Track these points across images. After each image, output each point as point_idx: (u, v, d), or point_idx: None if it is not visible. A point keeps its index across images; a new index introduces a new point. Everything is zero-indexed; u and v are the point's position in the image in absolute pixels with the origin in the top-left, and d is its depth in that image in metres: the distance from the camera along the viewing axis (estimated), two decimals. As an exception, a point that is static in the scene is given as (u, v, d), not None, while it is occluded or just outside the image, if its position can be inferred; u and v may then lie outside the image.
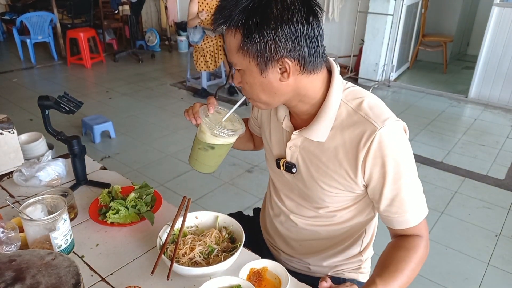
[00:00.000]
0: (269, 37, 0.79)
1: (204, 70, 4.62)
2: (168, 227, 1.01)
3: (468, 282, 2.08)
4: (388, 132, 0.86)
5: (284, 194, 1.10)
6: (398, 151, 0.87)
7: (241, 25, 0.80)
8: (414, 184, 0.91)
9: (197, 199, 2.70)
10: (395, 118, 0.89)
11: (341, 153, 0.92)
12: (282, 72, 0.85)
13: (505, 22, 4.22)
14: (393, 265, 0.87)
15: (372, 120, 0.87)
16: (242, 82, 0.90)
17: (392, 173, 0.87)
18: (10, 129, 1.38)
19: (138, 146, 3.52)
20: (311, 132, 0.93)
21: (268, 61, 0.83)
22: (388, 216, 0.93)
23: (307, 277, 1.14)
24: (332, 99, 0.90)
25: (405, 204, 0.90)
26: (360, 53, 5.21)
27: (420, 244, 0.92)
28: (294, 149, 1.00)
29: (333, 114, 0.91)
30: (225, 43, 0.88)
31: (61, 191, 1.14)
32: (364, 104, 0.90)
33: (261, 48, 0.81)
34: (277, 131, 1.06)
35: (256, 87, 0.88)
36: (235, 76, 0.92)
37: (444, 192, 2.86)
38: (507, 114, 4.31)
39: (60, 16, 6.55)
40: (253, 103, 0.96)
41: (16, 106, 4.35)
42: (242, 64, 0.86)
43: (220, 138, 0.97)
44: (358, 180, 0.92)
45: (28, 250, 0.88)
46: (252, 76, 0.86)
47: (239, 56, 0.84)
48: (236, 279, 0.86)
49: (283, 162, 1.02)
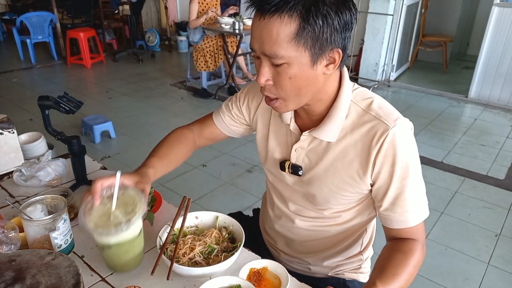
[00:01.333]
0: (329, 24, 0.74)
1: (204, 70, 4.62)
2: (168, 227, 1.01)
3: (468, 282, 2.08)
4: (399, 131, 0.86)
5: (286, 196, 1.08)
6: (409, 150, 0.88)
7: (304, 9, 0.73)
8: (418, 185, 0.91)
9: (197, 199, 2.70)
10: (404, 118, 0.90)
11: (351, 153, 0.91)
12: (328, 64, 0.81)
13: (505, 22, 4.22)
14: (392, 268, 0.86)
15: (384, 120, 0.87)
16: (280, 78, 0.81)
17: (400, 171, 0.87)
18: (10, 129, 1.38)
19: (138, 146, 3.52)
20: (322, 132, 0.92)
21: (323, 51, 0.78)
22: (389, 215, 0.92)
23: (307, 278, 1.14)
24: (344, 98, 0.90)
25: (407, 204, 0.89)
26: (360, 53, 5.21)
27: (417, 247, 0.91)
28: (300, 151, 0.98)
29: (344, 114, 0.90)
30: (266, 32, 0.76)
31: (61, 191, 1.14)
32: (374, 104, 0.90)
33: (320, 36, 0.75)
34: (279, 134, 1.04)
35: (301, 81, 0.81)
36: (263, 73, 0.82)
37: (444, 192, 2.86)
38: (507, 114, 4.31)
39: (60, 16, 6.55)
40: (274, 104, 0.88)
41: (16, 106, 4.35)
42: (291, 56, 0.77)
43: (112, 236, 0.84)
44: (367, 179, 0.91)
45: (28, 250, 0.88)
46: (301, 68, 0.79)
47: (290, 46, 0.76)
48: (236, 279, 0.86)
49: (289, 165, 1.01)
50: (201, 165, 3.18)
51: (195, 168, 3.14)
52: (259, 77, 0.83)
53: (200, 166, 3.18)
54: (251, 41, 0.82)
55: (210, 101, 4.65)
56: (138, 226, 0.88)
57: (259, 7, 0.77)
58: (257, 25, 0.78)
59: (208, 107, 4.49)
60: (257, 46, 0.80)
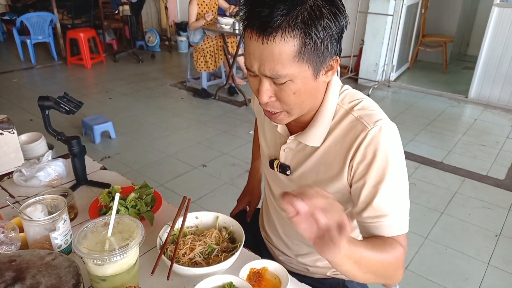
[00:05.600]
0: (329, 34, 0.74)
1: (204, 70, 4.62)
2: (168, 227, 1.01)
3: (468, 282, 2.08)
4: (378, 132, 0.84)
5: (278, 194, 1.10)
6: (387, 154, 0.83)
7: (304, 24, 0.71)
8: (396, 191, 0.84)
9: (197, 199, 2.70)
10: (388, 120, 0.87)
11: (332, 154, 0.90)
12: (327, 71, 0.81)
13: (505, 22, 4.22)
14: (367, 241, 0.82)
15: (364, 121, 0.85)
16: (283, 93, 0.79)
17: (374, 175, 0.83)
18: (10, 129, 1.38)
19: (138, 146, 3.52)
20: (306, 138, 0.92)
21: (324, 61, 0.77)
22: (364, 222, 0.87)
23: (306, 278, 1.14)
24: (328, 103, 0.89)
25: (382, 209, 0.83)
26: (360, 53, 5.21)
27: (399, 247, 0.84)
28: (288, 151, 0.99)
29: (329, 118, 0.89)
30: (267, 53, 0.73)
31: (61, 191, 1.14)
32: (359, 106, 0.89)
33: (321, 48, 0.74)
34: (271, 132, 1.05)
35: (305, 94, 0.80)
36: (264, 91, 0.78)
37: (444, 192, 2.86)
38: (507, 114, 4.31)
39: (60, 16, 6.55)
40: (277, 117, 0.85)
41: (16, 106, 4.35)
42: (294, 73, 0.75)
43: (109, 266, 0.80)
44: (345, 181, 0.90)
45: (28, 250, 0.88)
46: (304, 82, 0.78)
47: (294, 63, 0.74)
48: (229, 276, 0.87)
49: (277, 164, 1.02)
50: (201, 165, 3.18)
51: (195, 168, 3.15)
52: (262, 96, 0.79)
53: (200, 166, 3.18)
54: (248, 60, 0.78)
55: (210, 101, 4.65)
56: (134, 255, 0.85)
57: (260, 28, 0.72)
58: (256, 46, 0.74)
59: (208, 107, 4.49)
60: (256, 67, 0.77)
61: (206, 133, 3.80)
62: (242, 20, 0.77)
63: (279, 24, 0.70)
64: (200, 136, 3.75)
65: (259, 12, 0.72)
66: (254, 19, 0.73)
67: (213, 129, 3.89)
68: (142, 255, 1.04)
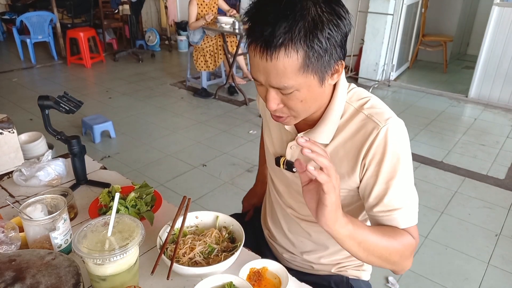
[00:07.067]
0: (332, 42, 0.74)
1: (204, 69, 4.62)
2: (168, 227, 1.01)
3: (468, 282, 2.08)
4: (390, 130, 0.86)
5: (283, 191, 1.10)
6: (398, 151, 0.86)
7: (306, 36, 0.71)
8: (406, 186, 0.88)
9: (197, 199, 2.70)
10: (396, 117, 0.90)
11: (341, 152, 0.91)
12: (332, 74, 0.81)
13: (505, 22, 4.22)
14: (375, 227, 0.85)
15: (375, 119, 0.87)
16: (290, 101, 0.81)
17: (386, 172, 0.86)
18: (10, 129, 1.38)
19: (138, 146, 3.52)
20: (316, 135, 0.93)
21: (329, 67, 0.78)
22: (375, 215, 0.90)
23: (311, 276, 1.14)
24: (337, 101, 0.90)
25: (393, 205, 0.87)
26: (360, 53, 5.21)
27: (409, 237, 0.87)
28: (294, 148, 1.00)
29: (338, 116, 0.91)
30: (272, 67, 0.74)
31: (61, 191, 1.14)
32: (368, 104, 0.91)
33: (325, 57, 0.75)
34: (278, 129, 1.05)
35: (312, 101, 0.82)
36: (272, 99, 0.80)
37: (444, 192, 2.86)
38: (507, 114, 4.31)
39: (60, 16, 6.55)
40: (284, 120, 0.87)
41: (16, 106, 4.35)
42: (300, 84, 0.77)
43: (109, 265, 0.80)
44: (355, 178, 0.91)
45: (28, 250, 0.88)
46: (311, 90, 0.80)
47: (299, 75, 0.75)
48: (229, 276, 0.86)
49: (283, 161, 1.02)
50: (201, 165, 3.18)
51: (195, 168, 3.15)
52: (270, 104, 0.81)
53: (200, 166, 3.18)
54: (254, 72, 0.80)
55: (210, 101, 4.65)
56: (134, 255, 0.85)
57: (263, 46, 0.73)
58: (260, 62, 0.75)
59: (208, 107, 4.49)
60: (262, 79, 0.78)
61: (206, 133, 3.80)
62: (246, 36, 0.78)
63: (282, 41, 0.71)
64: (200, 135, 3.75)
65: (261, 31, 0.73)
66: (257, 37, 0.74)
67: (213, 129, 3.89)
68: (142, 254, 1.04)
